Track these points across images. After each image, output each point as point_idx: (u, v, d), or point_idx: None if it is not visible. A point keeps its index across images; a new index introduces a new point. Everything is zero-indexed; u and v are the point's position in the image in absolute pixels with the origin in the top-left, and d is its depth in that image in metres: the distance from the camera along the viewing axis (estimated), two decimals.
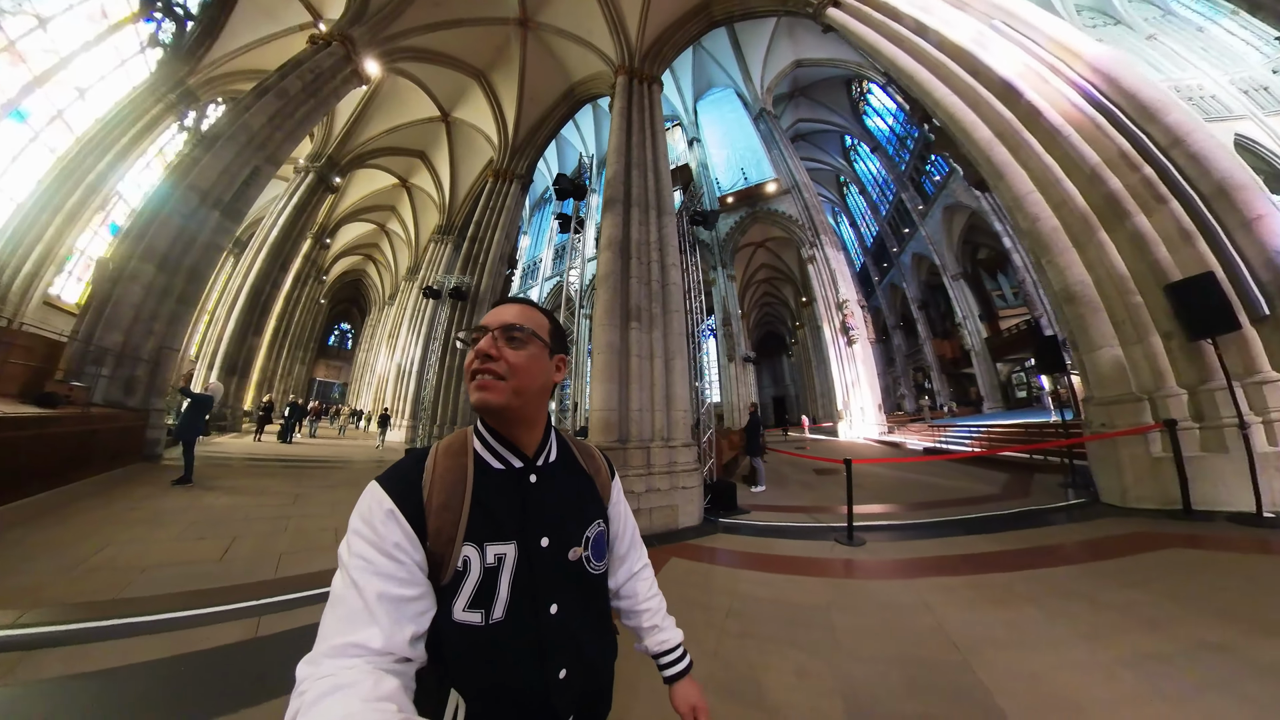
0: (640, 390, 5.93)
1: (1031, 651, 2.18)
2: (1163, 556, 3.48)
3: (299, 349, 25.00)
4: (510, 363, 0.74)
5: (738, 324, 18.57)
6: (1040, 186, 5.24)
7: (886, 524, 4.88)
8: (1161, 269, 4.42)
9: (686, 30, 11.67)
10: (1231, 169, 4.25)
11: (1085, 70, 5.29)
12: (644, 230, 7.05)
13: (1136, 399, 4.56)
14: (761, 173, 20.64)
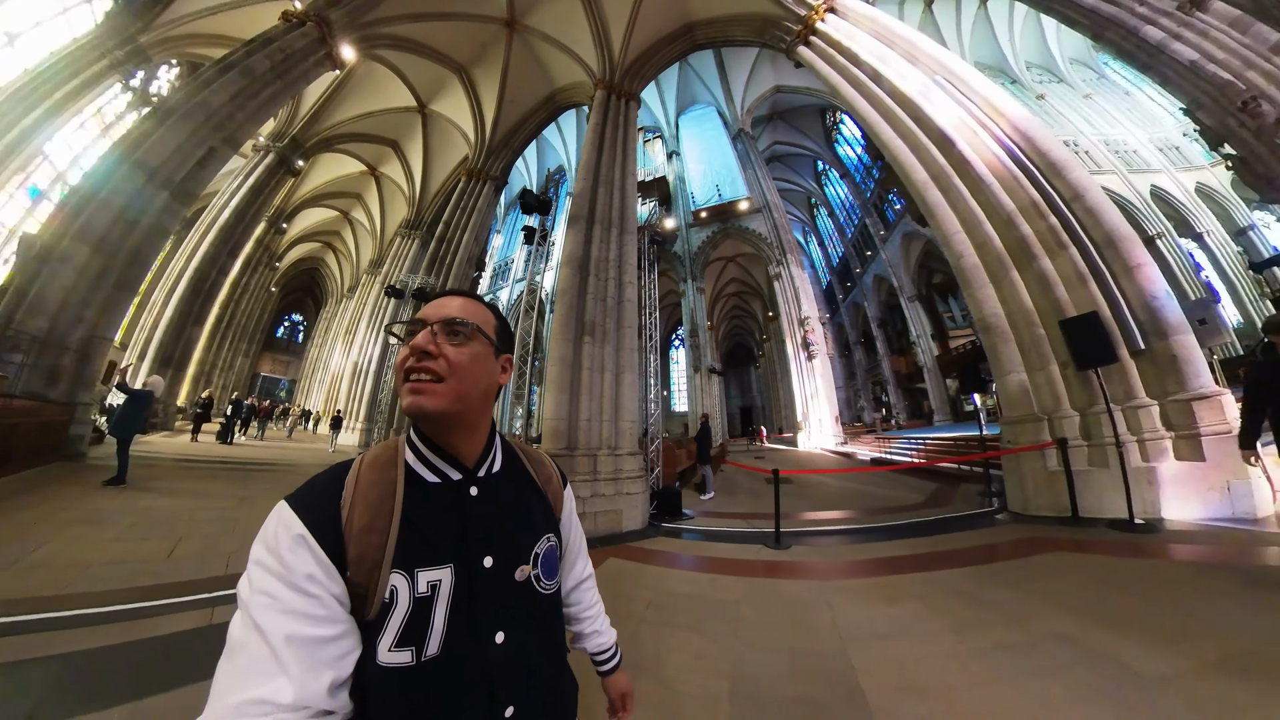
0: (590, 401, 6.13)
1: (904, 643, 2.47)
2: (1046, 559, 3.92)
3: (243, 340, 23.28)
4: (451, 362, 0.66)
5: (704, 335, 19.06)
6: (966, 227, 5.79)
7: (814, 530, 5.23)
8: (1060, 306, 4.99)
9: (669, 50, 11.92)
10: (1118, 223, 4.86)
11: (1008, 128, 5.89)
12: (604, 248, 7.28)
13: (1037, 419, 5.09)
14: (735, 190, 21.36)
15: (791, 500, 7.45)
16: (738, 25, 10.71)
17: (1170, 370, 4.48)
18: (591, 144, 8.87)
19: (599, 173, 8.22)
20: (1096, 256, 4.85)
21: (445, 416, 0.66)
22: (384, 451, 0.70)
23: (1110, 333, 4.62)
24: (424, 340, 0.66)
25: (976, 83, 6.50)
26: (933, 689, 2.05)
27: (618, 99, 10.67)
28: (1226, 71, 10.99)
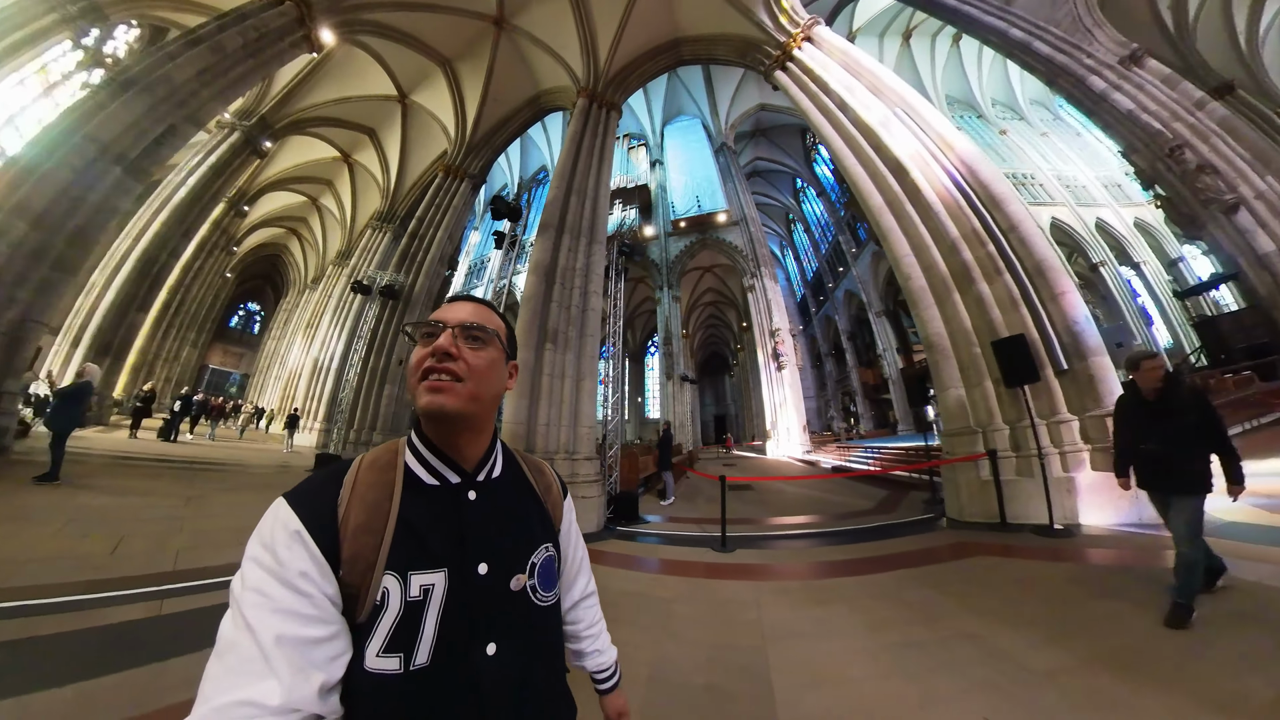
0: (549, 406, 6.21)
1: (822, 640, 2.62)
2: (971, 562, 4.17)
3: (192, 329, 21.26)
4: (470, 364, 0.67)
5: (678, 344, 19.31)
6: (915, 251, 6.14)
7: (761, 534, 5.41)
8: (995, 327, 5.35)
9: (655, 63, 12.06)
10: (1047, 253, 5.27)
11: (957, 160, 6.30)
12: (572, 257, 7.38)
13: (973, 431, 5.42)
14: (715, 203, 21.82)
15: (747, 506, 7.66)
16: (722, 45, 10.97)
17: (1089, 388, 4.86)
18: (568, 153, 8.96)
19: (573, 181, 8.32)
20: (1028, 283, 5.24)
21: (461, 417, 0.67)
22: (384, 453, 0.70)
23: (1035, 353, 4.99)
24: (447, 342, 0.67)
25: (931, 117, 6.92)
26: (836, 681, 2.20)
27: (599, 108, 10.78)
28: (1157, 121, 12.05)
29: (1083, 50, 13.03)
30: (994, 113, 27.84)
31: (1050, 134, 26.49)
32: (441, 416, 0.66)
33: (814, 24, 9.23)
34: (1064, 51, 13.23)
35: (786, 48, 9.17)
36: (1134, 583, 3.21)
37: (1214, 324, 14.91)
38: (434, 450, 0.70)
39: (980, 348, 5.45)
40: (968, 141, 6.31)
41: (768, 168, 31.25)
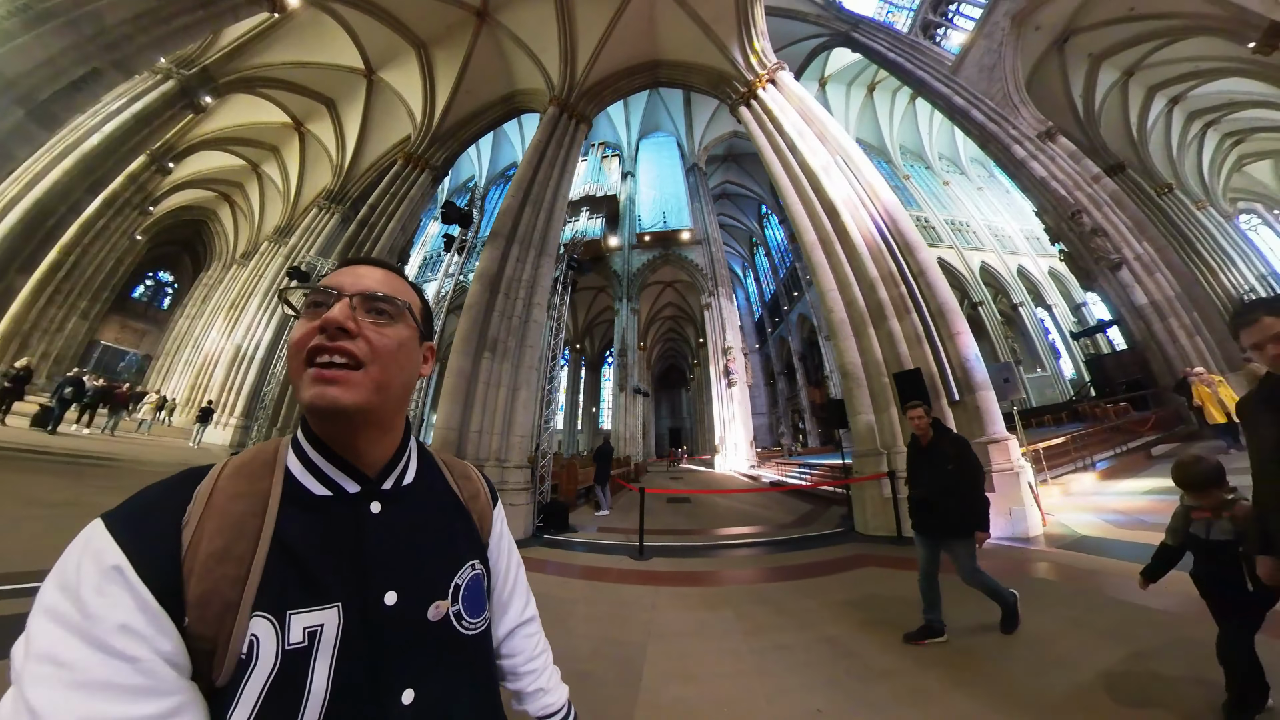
0: (483, 414, 6.27)
1: (701, 640, 2.86)
2: (861, 573, 4.57)
3: (84, 296, 17.91)
4: (374, 345, 0.54)
5: (633, 355, 19.60)
6: (840, 286, 6.72)
7: (682, 544, 5.68)
8: (901, 360, 5.94)
9: (631, 81, 12.31)
10: (948, 297, 5.94)
11: (882, 208, 6.97)
12: (520, 267, 7.50)
13: (878, 453, 5.95)
14: (681, 220, 22.48)
15: (680, 518, 7.94)
16: (697, 74, 11.44)
17: (976, 418, 5.49)
18: (529, 161, 9.08)
19: (530, 191, 8.44)
20: (930, 322, 5.87)
21: (360, 414, 0.53)
22: (257, 455, 0.56)
23: (932, 385, 5.59)
24: (342, 314, 0.53)
25: (865, 168, 7.61)
26: (701, 677, 2.43)
27: (569, 119, 10.93)
28: (1063, 189, 13.82)
29: (1009, 122, 14.84)
30: (940, 165, 30.71)
31: (985, 189, 29.39)
32: (334, 413, 0.52)
33: (779, 69, 9.89)
34: (995, 121, 15.09)
35: (753, 86, 9.75)
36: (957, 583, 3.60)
37: (1101, 362, 17.41)
38: (326, 453, 0.56)
39: (888, 378, 6.02)
40: (891, 193, 7.01)
41: (736, 191, 32.59)
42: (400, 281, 0.63)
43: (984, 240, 27.12)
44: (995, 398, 5.64)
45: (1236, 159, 21.64)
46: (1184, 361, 10.61)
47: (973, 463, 2.83)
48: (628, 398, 18.68)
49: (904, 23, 19.05)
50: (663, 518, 8.11)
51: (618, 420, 18.77)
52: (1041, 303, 25.26)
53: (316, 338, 0.53)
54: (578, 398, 33.46)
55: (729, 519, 8.08)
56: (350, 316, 0.54)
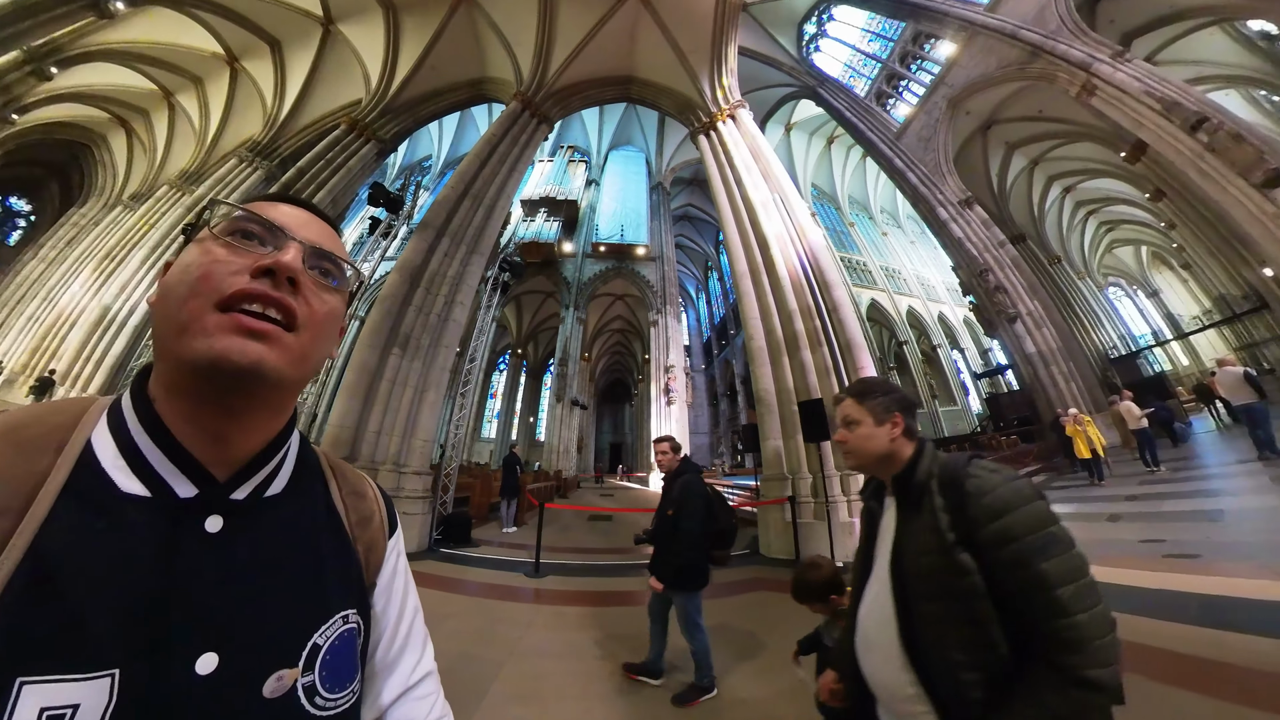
0: (384, 414, 5.96)
1: (562, 661, 2.80)
2: (750, 597, 4.67)
3: None
4: (314, 311, 0.44)
5: (574, 365, 19.41)
6: (763, 315, 7.07)
7: (583, 563, 5.60)
8: (810, 390, 6.30)
9: (603, 92, 12.25)
10: (857, 333, 6.42)
11: (808, 246, 7.46)
12: (447, 262, 7.26)
13: (783, 478, 6.21)
14: (638, 236, 22.83)
15: (595, 536, 7.88)
16: (667, 97, 11.64)
17: None
18: (478, 154, 8.88)
19: (472, 185, 8.23)
20: (839, 356, 6.29)
21: (273, 385, 0.41)
22: (44, 418, 0.40)
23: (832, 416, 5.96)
24: (294, 261, 0.43)
25: (798, 206, 8.14)
26: (546, 698, 2.36)
27: (531, 117, 10.75)
28: (975, 250, 15.66)
29: (938, 188, 16.75)
30: (881, 218, 33.83)
31: (916, 244, 32.46)
32: (249, 377, 0.39)
33: (740, 106, 10.39)
34: (926, 185, 16.99)
35: (715, 118, 10.14)
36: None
37: (997, 400, 20.02)
38: (160, 435, 0.41)
39: (797, 406, 6.35)
40: (817, 233, 7.54)
41: (697, 215, 33.68)
42: (338, 241, 0.52)
43: (912, 288, 29.89)
44: None
45: (1109, 243, 25.71)
46: (1061, 403, 12.18)
47: (692, 510, 2.46)
48: (565, 409, 18.37)
49: (862, 88, 20.82)
50: (577, 535, 7.99)
51: (551, 432, 18.33)
52: (956, 346, 28.38)
53: (251, 281, 0.40)
54: (515, 405, 32.23)
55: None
56: (303, 269, 0.44)
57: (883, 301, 27.77)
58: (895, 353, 27.75)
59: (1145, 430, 7.93)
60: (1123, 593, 2.92)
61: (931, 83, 17.40)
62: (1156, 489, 6.36)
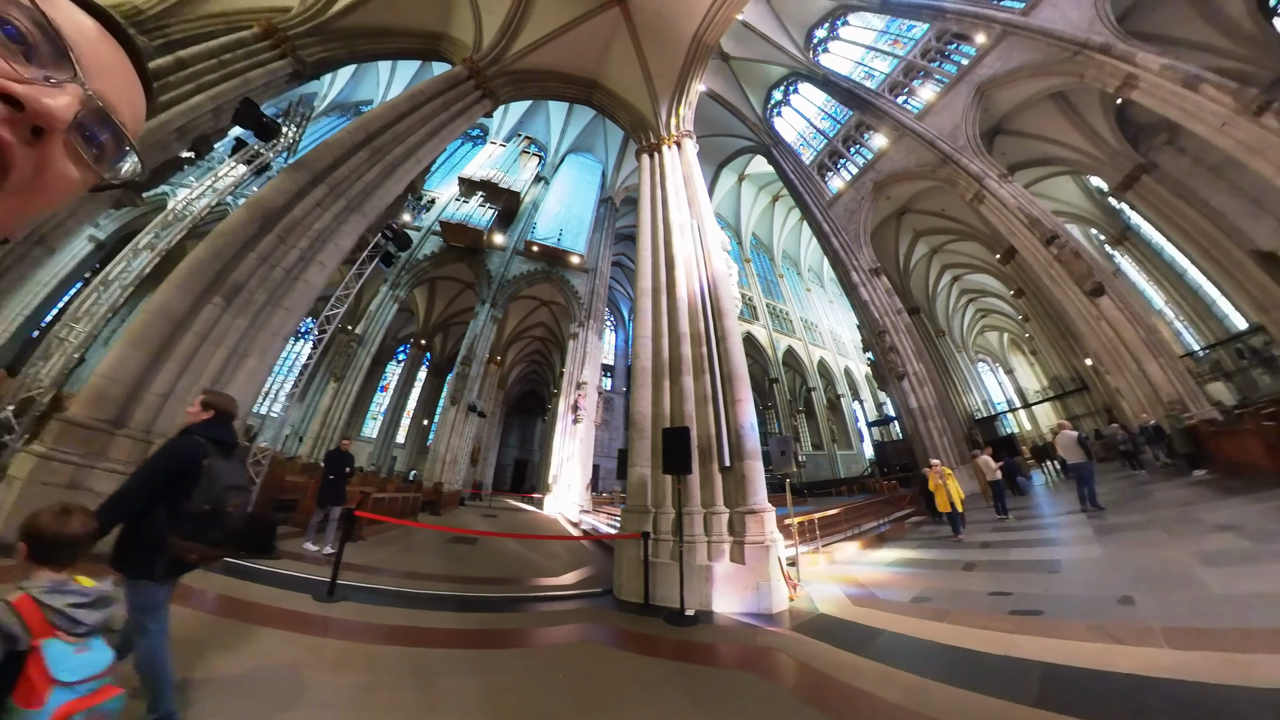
0: (180, 375, 4.64)
1: (278, 709, 2.09)
2: (574, 648, 3.98)
3: None
4: (45, 181, 0.33)
5: (479, 367, 17.95)
6: (654, 335, 6.74)
7: (399, 589, 4.71)
8: (686, 418, 5.95)
9: (563, 89, 11.83)
10: (740, 364, 6.24)
11: (710, 273, 7.34)
12: (316, 213, 6.19)
13: (646, 511, 5.69)
14: (575, 244, 22.20)
15: (443, 560, 6.98)
16: (625, 111, 11.56)
17: (741, 486, 5.56)
18: (397, 105, 7.88)
19: (377, 136, 7.21)
20: (720, 386, 6.03)
21: None
22: None
23: (705, 447, 5.61)
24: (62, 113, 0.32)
25: (710, 233, 8.07)
26: None
27: (475, 88, 9.91)
28: (877, 314, 17.11)
29: (854, 255, 18.60)
30: (807, 275, 36.87)
31: (834, 303, 35.41)
32: None
33: (687, 136, 10.48)
34: (845, 251, 18.82)
35: (663, 141, 10.17)
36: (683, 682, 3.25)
37: (884, 447, 22.24)
38: None
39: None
40: (721, 262, 7.44)
41: None
42: (142, 109, 0.42)
43: (826, 341, 32.28)
44: (761, 468, 5.81)
45: (981, 326, 30.72)
46: (935, 453, 13.49)
47: (144, 470, 1.89)
48: (460, 414, 16.73)
49: (809, 157, 23.25)
50: (422, 558, 6.95)
51: (441, 439, 16.47)
52: (857, 397, 31.18)
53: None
54: (406, 403, 28.97)
55: (499, 566, 7.14)
56: (70, 131, 0.34)
57: (798, 350, 29.59)
58: (805, 398, 29.48)
59: (998, 482, 8.95)
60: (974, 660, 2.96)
61: (864, 165, 19.77)
62: (1006, 536, 7.09)
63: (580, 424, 16.73)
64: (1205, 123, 11.07)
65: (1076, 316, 12.51)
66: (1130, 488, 9.29)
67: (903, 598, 4.83)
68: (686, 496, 5.47)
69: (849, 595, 5.21)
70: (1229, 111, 10.63)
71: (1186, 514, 5.87)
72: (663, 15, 10.32)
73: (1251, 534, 4.40)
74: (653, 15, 10.34)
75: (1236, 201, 13.95)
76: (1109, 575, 4.35)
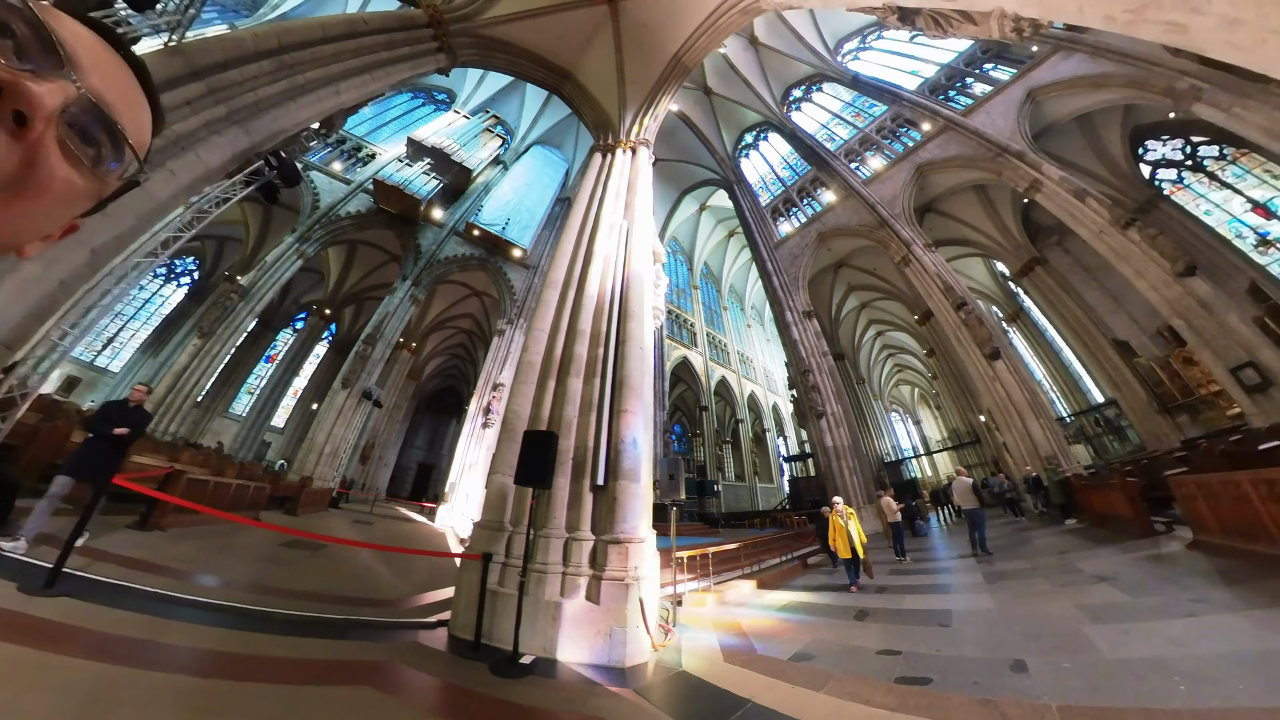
0: None
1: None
2: (341, 695, 3.00)
3: None
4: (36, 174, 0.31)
5: (385, 349, 16.02)
6: (552, 330, 5.99)
7: (142, 587, 3.59)
8: (567, 423, 5.20)
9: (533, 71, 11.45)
10: (635, 372, 5.62)
11: (628, 273, 6.79)
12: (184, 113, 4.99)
13: (499, 528, 4.78)
14: (521, 237, 21.12)
15: (266, 566, 5.82)
16: (590, 108, 11.32)
17: (613, 510, 4.81)
18: (323, 25, 6.72)
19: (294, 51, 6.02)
20: (608, 393, 5.36)
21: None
22: None
23: (579, 460, 4.85)
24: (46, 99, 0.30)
25: (639, 239, 7.57)
26: None
27: (434, 39, 8.97)
28: (805, 354, 17.62)
29: (791, 296, 19.54)
30: (750, 312, 38.42)
31: (771, 341, 36.71)
32: None
33: (644, 143, 10.23)
34: (784, 291, 19.78)
35: (620, 145, 9.93)
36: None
37: (797, 483, 23.01)
38: None
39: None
40: (637, 263, 6.90)
41: None
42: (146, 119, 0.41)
43: (758, 376, 33.17)
44: (641, 492, 5.09)
45: (896, 380, 33.47)
46: (843, 491, 13.75)
47: None
48: (352, 401, 14.67)
49: (765, 200, 24.75)
50: (232, 562, 5.66)
51: (322, 425, 14.03)
52: (782, 433, 32.28)
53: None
54: (294, 380, 25.06)
55: (331, 580, 5.86)
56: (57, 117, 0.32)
57: (731, 381, 30.06)
58: (733, 428, 29.81)
59: (898, 523, 9.16)
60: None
61: (812, 216, 21.29)
62: (902, 580, 7.12)
63: (490, 429, 15.35)
64: (1087, 228, 12.99)
65: (976, 376, 13.69)
66: (1014, 533, 9.89)
67: (784, 653, 4.26)
68: (547, 516, 4.66)
69: (725, 647, 4.60)
70: (1105, 222, 12.56)
71: (1065, 562, 6.16)
72: (648, 26, 10.44)
73: (1126, 585, 4.57)
74: (639, 24, 10.43)
75: (1103, 298, 16.31)
76: (1000, 632, 4.16)
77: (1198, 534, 5.42)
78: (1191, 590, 4.11)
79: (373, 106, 21.88)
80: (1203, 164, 14.87)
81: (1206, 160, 14.79)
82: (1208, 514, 5.16)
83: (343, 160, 19.78)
